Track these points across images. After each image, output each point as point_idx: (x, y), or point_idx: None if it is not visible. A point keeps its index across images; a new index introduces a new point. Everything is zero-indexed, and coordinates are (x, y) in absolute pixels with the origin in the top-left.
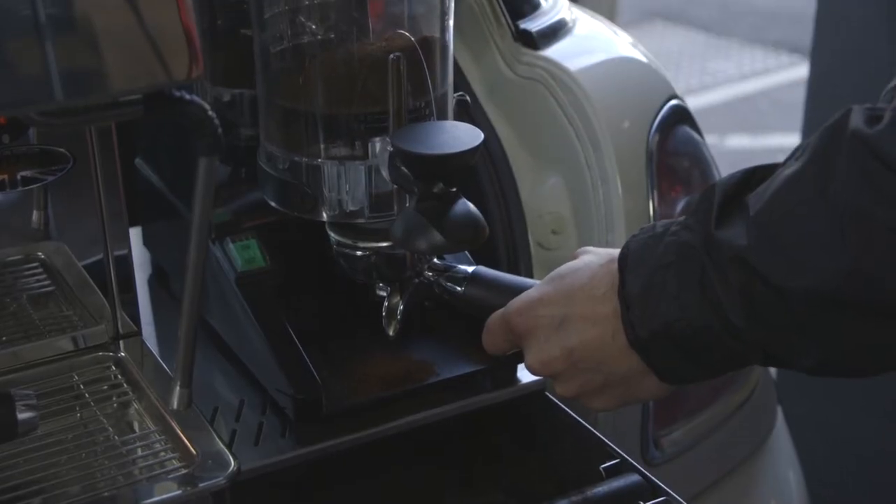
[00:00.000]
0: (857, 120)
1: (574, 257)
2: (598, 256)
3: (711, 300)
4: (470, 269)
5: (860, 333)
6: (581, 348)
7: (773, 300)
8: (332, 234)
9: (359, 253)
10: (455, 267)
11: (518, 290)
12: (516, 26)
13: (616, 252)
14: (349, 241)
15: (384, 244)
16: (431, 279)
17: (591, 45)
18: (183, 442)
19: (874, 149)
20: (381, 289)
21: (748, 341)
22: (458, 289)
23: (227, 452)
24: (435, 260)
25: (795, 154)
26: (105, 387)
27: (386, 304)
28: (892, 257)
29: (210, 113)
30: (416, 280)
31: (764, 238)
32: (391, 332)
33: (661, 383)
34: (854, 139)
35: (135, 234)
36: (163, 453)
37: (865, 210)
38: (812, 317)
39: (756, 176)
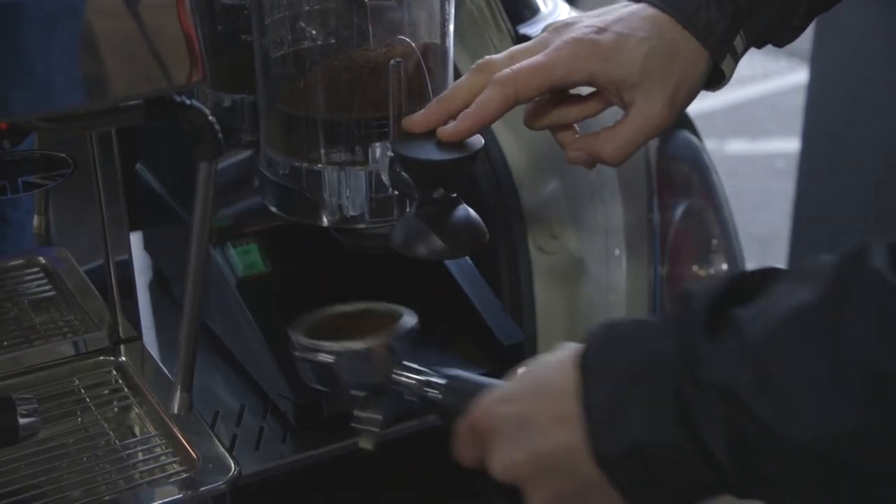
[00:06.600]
0: (880, 260)
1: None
2: (569, 349)
3: (689, 426)
4: (447, 373)
5: (857, 495)
6: (547, 453)
7: (763, 444)
8: (291, 337)
9: (320, 357)
10: (429, 372)
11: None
12: (516, 31)
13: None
14: (308, 343)
15: (349, 346)
16: (404, 385)
17: None
18: (184, 446)
19: None
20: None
21: (729, 478)
22: (437, 398)
23: (228, 457)
24: (406, 363)
25: (800, 275)
26: (106, 391)
27: (357, 414)
28: None
29: (210, 118)
30: (391, 387)
31: (761, 377)
32: (369, 447)
33: None
34: (875, 282)
35: (135, 238)
36: (164, 457)
37: (880, 364)
38: (807, 469)
39: (743, 285)
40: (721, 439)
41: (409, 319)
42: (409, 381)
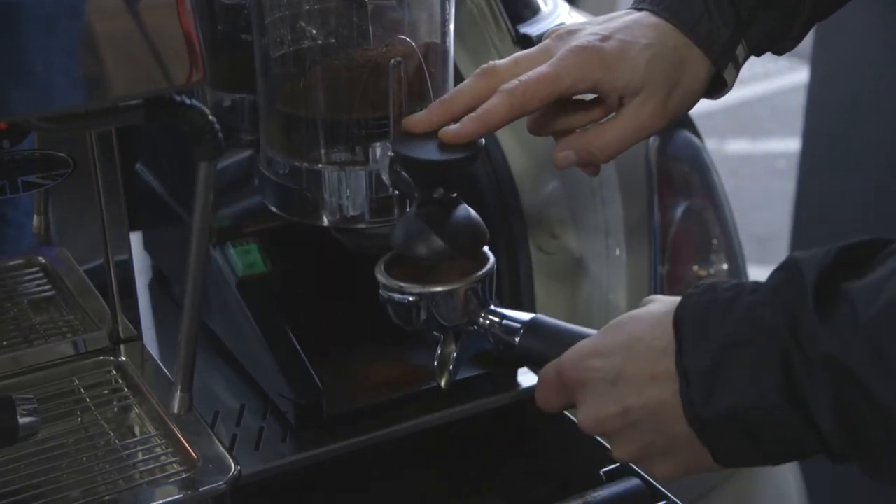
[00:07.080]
0: None
1: (641, 306)
2: (662, 304)
3: (794, 393)
4: (527, 317)
5: None
6: (639, 408)
7: (872, 416)
8: (379, 278)
9: (410, 298)
10: (511, 315)
11: (576, 340)
12: (516, 31)
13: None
14: (398, 285)
15: (438, 288)
16: (486, 327)
17: None
18: (184, 446)
19: None
20: (434, 336)
21: (832, 445)
22: (514, 339)
23: (228, 457)
24: (492, 306)
25: None
26: (106, 391)
27: (438, 352)
28: None
29: (210, 118)
30: (472, 328)
31: (875, 353)
32: (443, 384)
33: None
34: None
35: (135, 238)
36: (164, 457)
37: None
38: None
39: (850, 256)
40: (828, 410)
41: (491, 262)
42: (489, 322)
